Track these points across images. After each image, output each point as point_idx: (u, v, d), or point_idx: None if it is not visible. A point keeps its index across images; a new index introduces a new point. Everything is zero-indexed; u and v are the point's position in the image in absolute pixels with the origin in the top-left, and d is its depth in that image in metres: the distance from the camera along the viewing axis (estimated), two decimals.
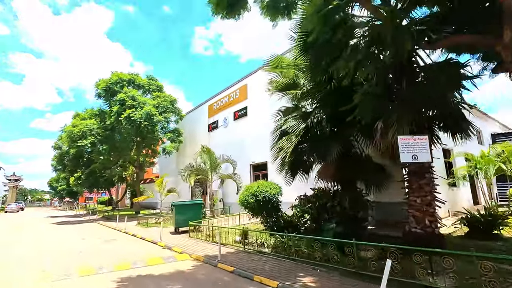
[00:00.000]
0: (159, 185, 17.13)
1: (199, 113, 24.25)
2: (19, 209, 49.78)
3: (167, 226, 14.05)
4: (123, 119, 19.70)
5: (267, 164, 16.22)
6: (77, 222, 21.39)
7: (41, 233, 14.38)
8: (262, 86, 17.85)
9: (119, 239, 11.40)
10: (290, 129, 8.84)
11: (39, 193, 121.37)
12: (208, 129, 22.49)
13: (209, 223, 11.59)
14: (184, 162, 26.25)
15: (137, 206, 24.48)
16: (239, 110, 18.97)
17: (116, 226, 15.61)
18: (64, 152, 29.99)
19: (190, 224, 10.75)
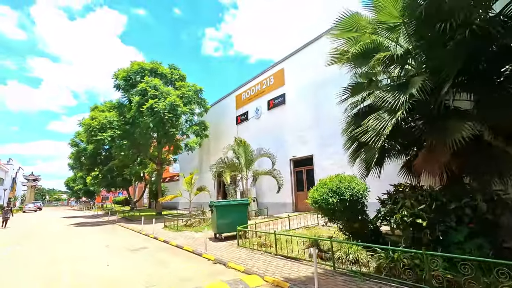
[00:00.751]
0: (188, 183, 15.14)
1: (225, 105, 22.20)
2: (37, 208, 49.33)
3: (200, 230, 12.01)
4: (145, 110, 17.85)
5: (312, 158, 13.95)
6: (96, 223, 19.72)
7: (58, 238, 12.59)
8: (304, 68, 15.58)
9: (149, 246, 9.39)
10: (381, 103, 6.55)
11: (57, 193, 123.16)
12: (236, 122, 20.41)
13: (255, 228, 9.45)
14: (208, 159, 24.32)
15: (159, 206, 22.66)
16: (275, 98, 16.77)
17: (141, 229, 13.70)
18: (81, 149, 28.67)
19: (238, 229, 8.63)
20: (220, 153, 22.66)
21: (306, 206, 14.58)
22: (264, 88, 17.87)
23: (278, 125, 16.38)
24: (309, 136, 14.25)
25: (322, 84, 13.79)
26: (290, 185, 14.98)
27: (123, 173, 31.25)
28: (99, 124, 18.55)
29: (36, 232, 14.72)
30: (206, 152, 24.49)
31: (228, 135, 21.21)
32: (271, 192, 15.73)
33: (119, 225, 17.59)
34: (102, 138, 18.39)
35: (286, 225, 10.78)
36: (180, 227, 13.02)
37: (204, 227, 12.64)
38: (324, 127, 13.49)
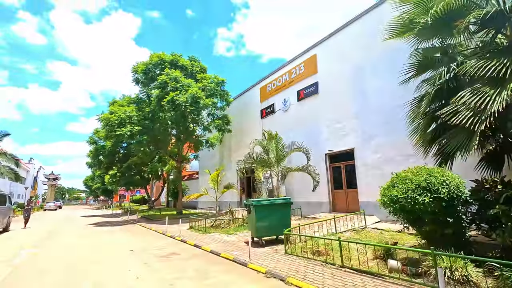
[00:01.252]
0: (214, 180, 13.92)
1: (248, 98, 20.93)
2: (57, 207, 49.87)
3: (231, 232, 10.76)
4: (166, 103, 16.79)
5: (353, 152, 12.43)
6: (116, 223, 18.89)
7: (77, 239, 11.65)
8: (341, 52, 13.53)
9: (179, 252, 8.19)
10: (481, 72, 5.01)
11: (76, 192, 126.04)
12: (260, 115, 19.08)
13: (299, 231, 8.09)
14: (229, 156, 23.13)
15: (180, 205, 21.66)
16: (306, 88, 15.32)
17: (166, 230, 12.60)
18: (100, 147, 28.12)
19: (286, 232, 7.29)
20: (242, 149, 21.44)
21: (345, 206, 13.14)
22: (293, 78, 16.44)
23: (310, 117, 14.93)
24: (348, 127, 12.73)
25: (364, 68, 12.25)
26: (326, 183, 13.51)
27: (143, 170, 30.62)
28: (118, 119, 17.65)
29: (55, 233, 13.91)
30: (227, 149, 23.31)
31: (251, 130, 19.94)
32: (303, 190, 14.33)
33: (139, 225, 16.64)
34: (122, 133, 17.47)
35: (331, 227, 9.36)
36: (207, 228, 11.81)
37: (234, 229, 11.38)
38: (367, 117, 11.96)
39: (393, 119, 10.77)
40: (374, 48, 11.84)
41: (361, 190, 11.91)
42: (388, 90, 11.15)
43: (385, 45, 11.41)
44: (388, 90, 11.17)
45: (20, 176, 26.39)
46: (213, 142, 22.37)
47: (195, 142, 21.09)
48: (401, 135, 10.61)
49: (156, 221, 17.91)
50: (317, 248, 6.75)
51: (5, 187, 43.87)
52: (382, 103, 11.42)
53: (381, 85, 11.51)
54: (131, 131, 17.84)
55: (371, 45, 11.99)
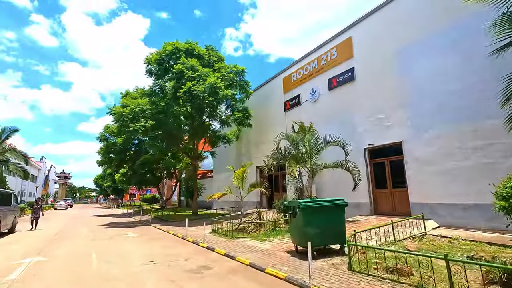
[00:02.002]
0: (239, 178, 12.41)
1: (269, 90, 19.38)
2: (67, 205, 49.38)
3: (264, 238, 9.26)
4: (182, 94, 15.41)
5: (401, 145, 10.75)
6: (129, 224, 17.63)
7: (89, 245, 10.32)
8: (383, 32, 11.70)
9: (212, 265, 6.69)
10: None
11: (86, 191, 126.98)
12: (284, 108, 17.50)
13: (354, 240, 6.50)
14: (248, 152, 21.61)
15: (195, 205, 20.28)
16: (339, 75, 13.68)
17: (185, 234, 11.17)
18: (111, 143, 27.03)
19: (350, 243, 5.72)
20: (263, 146, 19.91)
21: (390, 207, 11.45)
22: (323, 65, 14.81)
23: (344, 108, 13.29)
24: (394, 118, 11.06)
25: (412, 48, 10.56)
26: (366, 181, 11.86)
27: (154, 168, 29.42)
28: (131, 113, 16.35)
29: (64, 235, 12.66)
30: (245, 145, 21.82)
31: (273, 124, 18.40)
32: (336, 190, 12.74)
33: (154, 226, 15.30)
34: (135, 129, 16.17)
35: (387, 234, 7.75)
36: (234, 233, 10.32)
37: (265, 234, 9.86)
38: (419, 104, 10.27)
39: (454, 106, 9.11)
40: (425, 24, 10.15)
41: (412, 190, 10.24)
42: (446, 72, 9.46)
43: (440, 19, 9.74)
44: (446, 71, 9.47)
45: (29, 174, 25.51)
46: (230, 137, 20.94)
47: (213, 137, 19.68)
48: (465, 124, 8.93)
49: (171, 222, 16.56)
50: (393, 264, 5.17)
51: (16, 185, 43.49)
52: (437, 87, 9.72)
53: (437, 67, 9.81)
54: (144, 126, 16.54)
55: (422, 21, 10.30)
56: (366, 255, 6.13)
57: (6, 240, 11.29)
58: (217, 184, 25.94)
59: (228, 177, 23.99)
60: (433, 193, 9.63)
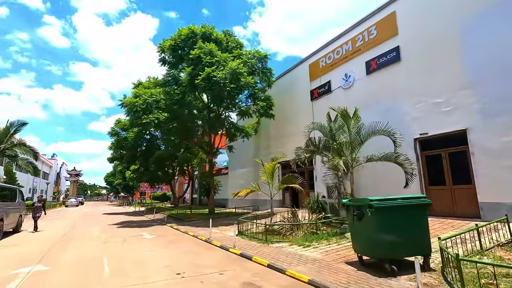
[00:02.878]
0: (269, 173, 10.84)
1: (292, 79, 17.78)
2: (78, 203, 48.85)
3: (307, 244, 7.71)
4: (200, 82, 13.95)
5: (465, 134, 9.03)
6: (142, 223, 16.35)
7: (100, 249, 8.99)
8: (437, 2, 9.79)
9: (259, 283, 5.17)
10: None
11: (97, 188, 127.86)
12: (311, 97, 15.88)
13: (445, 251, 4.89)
14: (268, 146, 20.00)
15: (212, 203, 18.88)
16: (380, 56, 11.98)
17: (209, 235, 9.72)
18: (122, 138, 25.93)
19: (464, 258, 4.11)
20: (285, 139, 18.29)
21: (450, 207, 9.71)
22: (359, 46, 13.13)
23: (386, 93, 11.61)
24: (455, 101, 9.32)
25: (477, 18, 8.80)
26: (418, 177, 10.16)
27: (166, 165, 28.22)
28: (144, 104, 15.01)
29: (73, 236, 11.39)
30: (264, 139, 20.28)
31: (297, 115, 16.83)
32: (376, 187, 11.14)
33: (171, 227, 13.94)
34: (148, 121, 14.82)
35: (470, 241, 6.11)
36: (267, 236, 8.79)
37: (305, 238, 8.31)
38: (488, 85, 8.54)
39: None
40: None
41: (481, 187, 8.52)
42: None
43: None
44: None
45: (39, 170, 24.61)
46: (248, 131, 19.45)
47: (231, 130, 18.21)
48: None
49: (188, 222, 15.19)
50: None
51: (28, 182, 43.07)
52: None
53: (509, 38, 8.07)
54: (158, 119, 15.19)
55: None
56: (461, 270, 4.53)
57: (9, 242, 10.07)
58: (233, 182, 24.54)
59: (247, 173, 22.55)
60: (511, 191, 7.92)
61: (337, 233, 8.67)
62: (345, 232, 8.65)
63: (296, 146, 15.33)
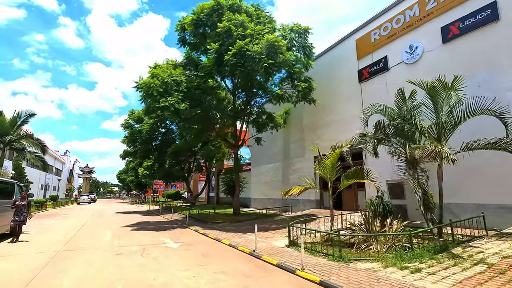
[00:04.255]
0: (328, 166, 8.32)
1: (333, 59, 15.24)
2: (90, 200, 47.46)
3: (408, 267, 5.24)
4: (231, 57, 11.63)
5: None
6: (160, 225, 14.19)
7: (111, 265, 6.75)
8: None
9: None
10: None
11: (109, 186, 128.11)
12: (359, 78, 13.35)
13: None
14: (302, 139, 17.29)
15: (237, 203, 16.57)
16: (467, 17, 9.35)
17: (254, 246, 7.36)
18: (136, 131, 23.95)
19: None
20: (323, 129, 15.67)
21: None
22: (430, 9, 10.51)
23: (476, 63, 8.98)
24: None
25: None
26: None
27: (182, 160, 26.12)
28: (162, 85, 12.81)
29: (80, 244, 9.22)
30: (296, 130, 17.83)
31: (339, 100, 14.37)
32: (463, 185, 8.54)
33: (195, 230, 11.69)
34: (167, 105, 12.61)
35: None
36: (340, 250, 6.35)
37: (399, 256, 5.83)
38: None
39: None
40: None
41: None
42: None
43: None
44: None
45: (47, 164, 22.90)
46: (278, 121, 17.08)
47: (264, 118, 15.86)
48: None
49: (213, 225, 12.91)
50: None
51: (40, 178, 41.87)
52: None
53: None
54: (178, 102, 12.97)
55: None
56: None
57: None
58: (257, 179, 22.19)
59: (274, 169, 20.12)
60: None
61: (439, 248, 6.17)
62: (448, 247, 6.17)
63: (336, 136, 12.95)
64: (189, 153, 24.93)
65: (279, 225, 11.68)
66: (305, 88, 12.85)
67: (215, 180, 30.65)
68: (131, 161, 45.42)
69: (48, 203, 32.34)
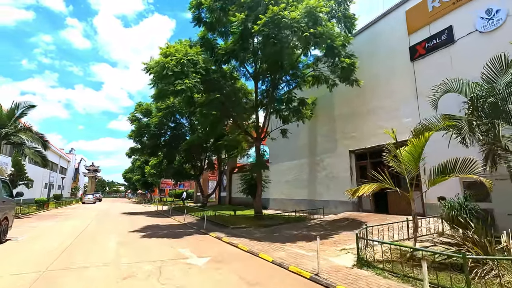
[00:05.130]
0: (410, 157, 6.17)
1: (374, 36, 13.06)
2: (96, 199, 45.80)
3: None
4: (261, 27, 9.54)
5: None
6: (172, 230, 12.17)
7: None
8: None
9: None
10: None
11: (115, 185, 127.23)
12: (411, 56, 11.16)
13: None
14: (332, 131, 15.04)
15: (259, 203, 14.46)
16: None
17: (317, 268, 5.23)
18: (143, 125, 22.00)
19: None
20: (361, 118, 13.57)
21: None
22: None
23: None
24: None
25: None
26: None
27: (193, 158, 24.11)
28: (178, 64, 10.77)
29: (76, 257, 7.22)
30: (325, 121, 15.66)
31: (383, 84, 12.24)
32: None
33: (218, 238, 9.61)
34: (184, 88, 10.55)
35: None
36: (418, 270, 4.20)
37: None
38: None
39: None
40: None
41: None
42: None
43: None
44: None
45: (48, 161, 21.09)
46: (306, 111, 14.95)
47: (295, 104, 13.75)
48: None
49: (236, 230, 10.82)
50: None
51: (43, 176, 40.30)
52: None
53: None
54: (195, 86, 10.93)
55: None
56: None
57: None
58: (277, 177, 19.97)
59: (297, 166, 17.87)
60: None
61: None
62: None
63: (379, 126, 10.80)
64: (200, 149, 22.91)
65: (320, 232, 9.55)
66: (350, 65, 10.63)
67: (226, 179, 28.63)
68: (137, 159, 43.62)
69: (51, 202, 30.70)
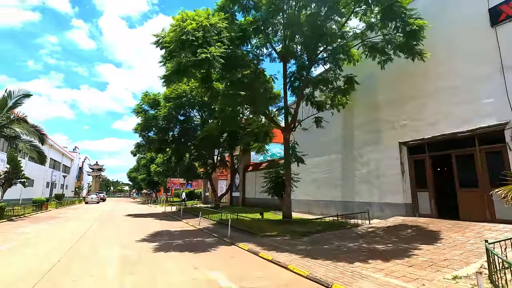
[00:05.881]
0: None
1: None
2: (99, 199, 43.75)
3: None
4: None
5: None
6: (191, 240, 9.92)
7: None
8: None
9: None
10: None
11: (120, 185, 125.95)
12: (493, 19, 8.77)
13: None
14: (376, 121, 12.23)
15: (287, 205, 12.15)
16: None
17: None
18: (150, 117, 19.82)
19: None
20: (415, 103, 10.53)
21: None
22: None
23: None
24: None
25: None
26: None
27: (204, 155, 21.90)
28: (200, 27, 8.53)
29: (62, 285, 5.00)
30: (366, 109, 13.26)
31: (454, 57, 9.80)
32: None
33: (250, 251, 7.34)
34: (209, 58, 8.27)
35: None
36: None
37: None
38: None
39: None
40: None
41: None
42: None
43: None
44: None
45: (45, 156, 18.97)
46: (341, 99, 12.64)
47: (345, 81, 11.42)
48: None
49: (270, 240, 8.53)
50: None
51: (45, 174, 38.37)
52: None
53: None
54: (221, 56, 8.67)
55: None
56: None
57: None
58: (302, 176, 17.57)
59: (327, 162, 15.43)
60: None
61: None
62: None
63: (443, 110, 8.47)
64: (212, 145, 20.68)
65: (387, 246, 7.18)
66: (420, 28, 8.21)
67: (240, 177, 26.38)
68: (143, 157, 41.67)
69: (51, 203, 28.74)
